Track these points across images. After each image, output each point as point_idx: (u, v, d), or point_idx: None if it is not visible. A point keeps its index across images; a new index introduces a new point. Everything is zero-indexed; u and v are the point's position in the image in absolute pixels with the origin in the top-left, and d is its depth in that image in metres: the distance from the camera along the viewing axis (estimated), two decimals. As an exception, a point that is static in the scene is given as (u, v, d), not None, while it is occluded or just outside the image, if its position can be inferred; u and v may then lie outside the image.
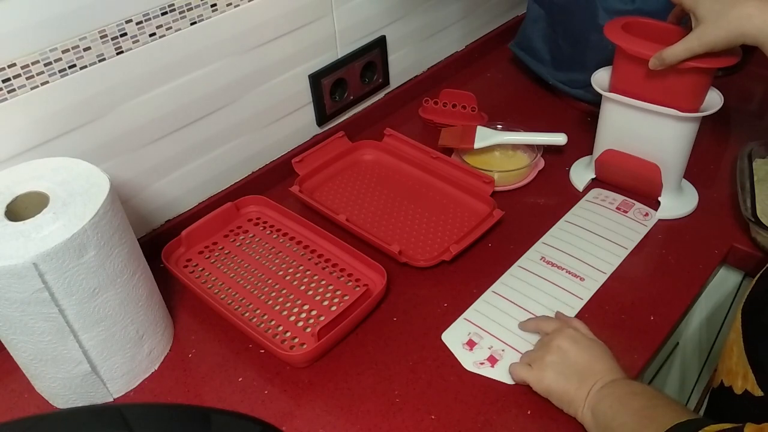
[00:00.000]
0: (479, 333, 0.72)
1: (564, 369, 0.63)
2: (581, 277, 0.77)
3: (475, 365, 0.69)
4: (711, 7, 0.66)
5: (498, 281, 0.78)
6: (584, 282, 0.77)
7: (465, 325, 0.73)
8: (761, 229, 0.77)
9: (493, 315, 0.73)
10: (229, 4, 0.79)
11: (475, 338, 0.71)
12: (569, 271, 0.78)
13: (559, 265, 0.79)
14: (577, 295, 0.75)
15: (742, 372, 0.57)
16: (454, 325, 0.73)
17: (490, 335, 0.71)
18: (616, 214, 0.85)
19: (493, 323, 0.73)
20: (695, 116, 0.76)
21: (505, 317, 0.73)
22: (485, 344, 0.70)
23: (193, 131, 0.83)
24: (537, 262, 0.80)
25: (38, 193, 0.61)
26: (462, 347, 0.70)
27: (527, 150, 0.96)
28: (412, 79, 1.12)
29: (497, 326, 0.72)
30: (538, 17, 1.08)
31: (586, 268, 0.79)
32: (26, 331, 0.60)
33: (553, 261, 0.80)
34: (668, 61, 0.71)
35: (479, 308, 0.75)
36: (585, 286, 0.76)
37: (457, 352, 0.70)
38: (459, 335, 0.72)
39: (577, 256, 0.80)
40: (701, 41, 0.67)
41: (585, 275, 0.77)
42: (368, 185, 0.94)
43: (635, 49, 0.75)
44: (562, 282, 0.77)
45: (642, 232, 0.83)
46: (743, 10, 0.64)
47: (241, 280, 0.79)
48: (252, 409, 0.67)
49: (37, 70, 0.66)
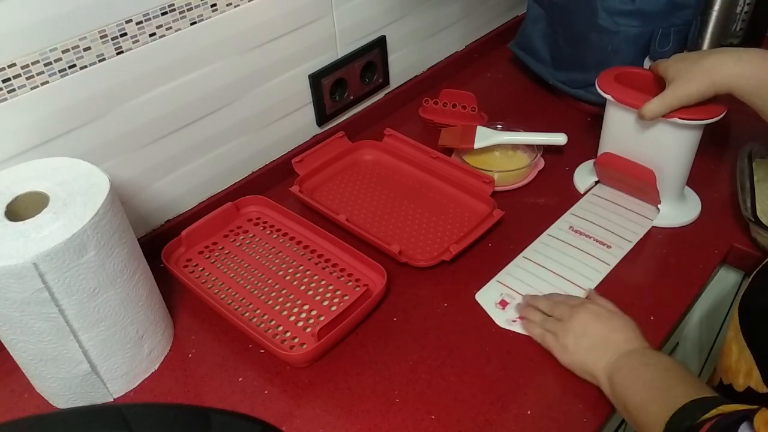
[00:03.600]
0: (511, 294, 0.77)
1: (585, 342, 0.66)
2: (607, 247, 0.81)
3: (508, 323, 0.74)
4: (679, 66, 0.74)
5: (504, 270, 0.80)
6: (577, 287, 0.78)
7: (498, 286, 0.78)
8: (761, 229, 0.77)
9: (525, 278, 0.79)
10: (229, 4, 0.79)
11: (507, 299, 0.76)
12: (597, 240, 0.82)
13: (586, 234, 0.82)
14: (582, 286, 0.77)
15: (745, 369, 0.57)
16: (487, 287, 0.78)
17: (521, 295, 0.77)
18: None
19: (525, 285, 0.78)
20: (696, 124, 0.76)
21: (538, 281, 0.78)
22: (516, 304, 0.76)
23: (193, 131, 0.83)
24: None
25: (38, 193, 0.61)
26: (495, 306, 0.75)
27: (527, 150, 0.96)
28: (412, 79, 1.12)
29: (529, 288, 0.78)
30: (538, 17, 1.08)
31: (585, 268, 0.79)
32: (26, 331, 0.60)
33: (581, 230, 0.83)
34: (648, 116, 0.76)
35: (511, 272, 0.80)
36: (594, 273, 0.79)
37: (490, 311, 0.75)
38: (492, 296, 0.77)
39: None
40: (676, 95, 0.73)
41: (576, 282, 0.78)
42: (368, 185, 0.94)
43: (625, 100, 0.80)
44: (591, 249, 0.81)
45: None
46: (706, 64, 0.71)
47: (241, 280, 0.79)
48: (252, 409, 0.67)
49: (37, 70, 0.66)
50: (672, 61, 0.76)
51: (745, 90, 0.69)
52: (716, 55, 0.71)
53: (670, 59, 0.77)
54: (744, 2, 1.06)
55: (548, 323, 0.70)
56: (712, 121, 0.75)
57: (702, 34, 1.01)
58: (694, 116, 0.75)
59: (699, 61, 0.72)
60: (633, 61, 0.95)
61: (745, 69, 0.69)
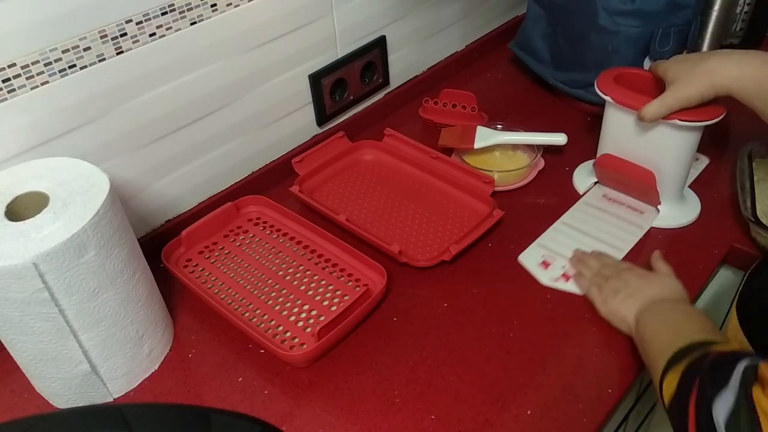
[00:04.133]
0: (552, 255, 0.81)
1: (624, 293, 0.70)
2: None
3: (551, 280, 0.78)
4: (679, 68, 0.74)
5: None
6: (614, 249, 0.80)
7: (540, 249, 0.82)
8: (761, 229, 0.77)
9: (566, 242, 0.82)
10: (229, 4, 0.79)
11: (549, 259, 0.80)
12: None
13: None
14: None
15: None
16: (530, 249, 0.82)
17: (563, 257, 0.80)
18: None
19: (566, 249, 0.81)
20: (696, 125, 0.76)
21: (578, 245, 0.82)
22: (559, 264, 0.80)
23: (193, 131, 0.83)
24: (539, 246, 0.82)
25: (38, 193, 0.61)
26: (538, 267, 0.79)
27: (527, 150, 0.96)
28: (412, 79, 1.12)
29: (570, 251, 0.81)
30: (538, 17, 1.08)
31: (613, 239, 0.82)
32: (26, 331, 0.60)
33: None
34: (647, 118, 0.76)
35: (551, 236, 0.84)
36: (614, 252, 0.80)
37: (534, 270, 0.79)
38: (535, 256, 0.81)
39: (604, 228, 0.84)
40: (675, 97, 0.74)
41: (612, 245, 0.80)
42: (368, 185, 0.94)
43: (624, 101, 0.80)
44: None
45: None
46: (706, 66, 0.71)
47: (241, 280, 0.79)
48: (252, 409, 0.67)
49: (37, 70, 0.66)
50: (672, 63, 0.76)
51: (745, 92, 0.69)
52: (716, 57, 0.71)
53: (670, 61, 0.77)
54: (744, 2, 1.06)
55: (596, 278, 0.74)
56: (711, 122, 0.75)
57: (702, 34, 1.01)
58: (693, 118, 0.75)
59: (699, 63, 0.72)
60: (633, 61, 0.95)
61: (745, 71, 0.69)
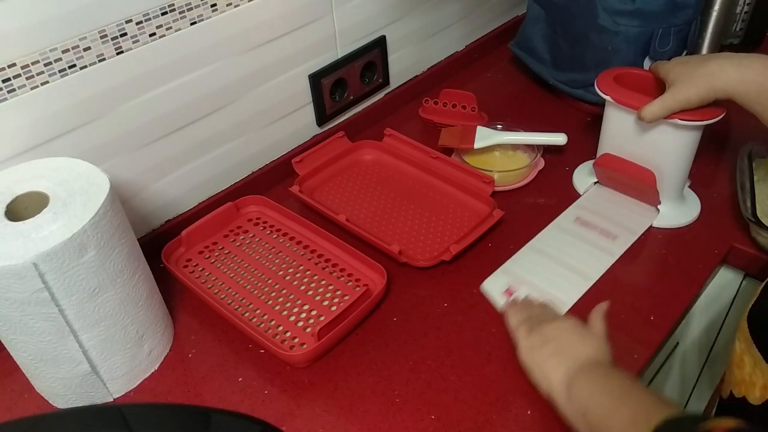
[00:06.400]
0: (517, 283, 0.78)
1: (552, 346, 0.62)
2: (611, 239, 0.81)
3: None
4: (680, 70, 0.74)
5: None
6: (583, 277, 0.78)
7: (504, 276, 0.79)
8: (761, 229, 0.77)
9: (532, 268, 0.80)
10: (229, 4, 0.79)
11: (514, 288, 0.77)
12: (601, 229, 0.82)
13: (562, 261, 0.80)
14: (573, 292, 0.76)
15: (762, 382, 0.57)
16: (494, 275, 0.79)
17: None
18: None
19: (532, 275, 0.78)
20: (696, 125, 0.76)
21: (544, 270, 0.79)
22: (523, 293, 0.76)
23: (193, 131, 0.83)
24: (537, 250, 0.82)
25: (38, 193, 0.61)
26: (501, 295, 0.76)
27: (527, 150, 0.96)
28: (412, 79, 1.12)
29: (536, 277, 0.78)
30: (538, 17, 1.08)
31: (583, 265, 0.79)
32: (26, 331, 0.60)
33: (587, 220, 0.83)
34: (647, 119, 0.76)
35: (518, 261, 0.81)
36: (583, 281, 0.78)
37: (496, 299, 0.76)
38: (499, 284, 0.78)
39: (574, 254, 0.81)
40: (675, 99, 0.74)
41: (581, 273, 0.78)
42: (368, 185, 0.94)
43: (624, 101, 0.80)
44: (596, 241, 0.81)
45: (608, 261, 0.82)
46: (707, 69, 0.71)
47: (241, 280, 0.79)
48: (252, 409, 0.67)
49: (37, 70, 0.66)
50: (673, 65, 0.76)
51: (745, 96, 0.69)
52: (717, 60, 0.71)
53: (671, 62, 0.77)
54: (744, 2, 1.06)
55: (528, 320, 0.67)
56: (711, 122, 0.75)
57: (702, 34, 1.01)
58: (693, 117, 0.75)
59: (700, 65, 0.72)
60: (633, 62, 0.95)
61: (745, 75, 0.68)
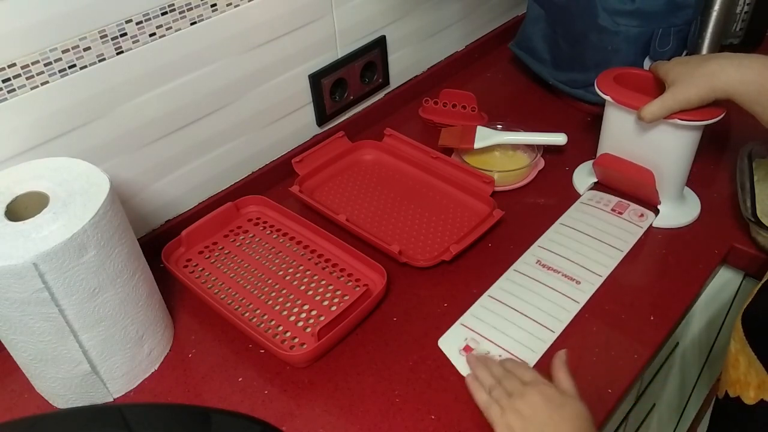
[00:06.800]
0: (476, 338, 0.71)
1: (532, 429, 0.58)
2: (577, 281, 0.77)
3: None
4: (680, 70, 0.74)
5: (494, 285, 0.77)
6: (580, 285, 0.76)
7: (462, 330, 0.72)
8: (761, 229, 0.77)
9: (490, 320, 0.73)
10: (229, 4, 0.79)
11: (472, 344, 0.71)
12: (565, 275, 0.78)
13: (555, 269, 0.79)
14: (573, 299, 0.75)
15: (756, 382, 0.57)
16: (451, 331, 0.72)
17: (487, 340, 0.71)
18: (611, 216, 0.85)
19: (491, 328, 0.72)
20: (696, 125, 0.76)
21: (503, 322, 0.73)
22: (482, 349, 0.70)
23: (193, 131, 0.83)
24: (533, 265, 0.79)
25: (38, 193, 0.61)
26: (459, 353, 0.70)
27: (527, 150, 0.96)
28: (412, 79, 1.12)
29: (495, 331, 0.72)
30: (538, 17, 1.08)
31: (582, 270, 0.78)
32: (26, 331, 0.60)
33: (549, 264, 0.79)
34: (647, 119, 0.76)
35: (476, 313, 0.74)
36: (581, 289, 0.76)
37: (453, 358, 0.70)
38: (456, 341, 0.71)
39: (573, 259, 0.80)
40: (675, 99, 0.74)
41: (581, 278, 0.77)
42: (368, 185, 0.94)
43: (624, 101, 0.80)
44: (559, 286, 0.77)
45: (637, 234, 0.83)
46: (707, 69, 0.71)
47: (241, 280, 0.79)
48: (252, 409, 0.67)
49: (37, 70, 0.66)
50: (673, 65, 0.76)
51: (745, 97, 0.69)
52: (717, 60, 0.71)
53: (671, 62, 0.77)
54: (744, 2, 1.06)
55: (496, 392, 0.62)
56: (711, 122, 0.75)
57: (702, 34, 1.01)
58: (693, 117, 0.75)
59: (700, 66, 0.72)
60: (633, 61, 0.95)
61: (745, 75, 0.68)
